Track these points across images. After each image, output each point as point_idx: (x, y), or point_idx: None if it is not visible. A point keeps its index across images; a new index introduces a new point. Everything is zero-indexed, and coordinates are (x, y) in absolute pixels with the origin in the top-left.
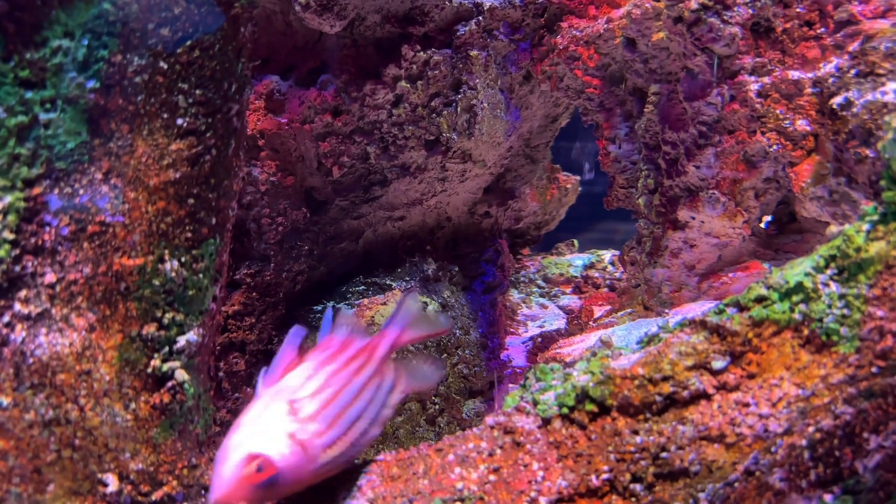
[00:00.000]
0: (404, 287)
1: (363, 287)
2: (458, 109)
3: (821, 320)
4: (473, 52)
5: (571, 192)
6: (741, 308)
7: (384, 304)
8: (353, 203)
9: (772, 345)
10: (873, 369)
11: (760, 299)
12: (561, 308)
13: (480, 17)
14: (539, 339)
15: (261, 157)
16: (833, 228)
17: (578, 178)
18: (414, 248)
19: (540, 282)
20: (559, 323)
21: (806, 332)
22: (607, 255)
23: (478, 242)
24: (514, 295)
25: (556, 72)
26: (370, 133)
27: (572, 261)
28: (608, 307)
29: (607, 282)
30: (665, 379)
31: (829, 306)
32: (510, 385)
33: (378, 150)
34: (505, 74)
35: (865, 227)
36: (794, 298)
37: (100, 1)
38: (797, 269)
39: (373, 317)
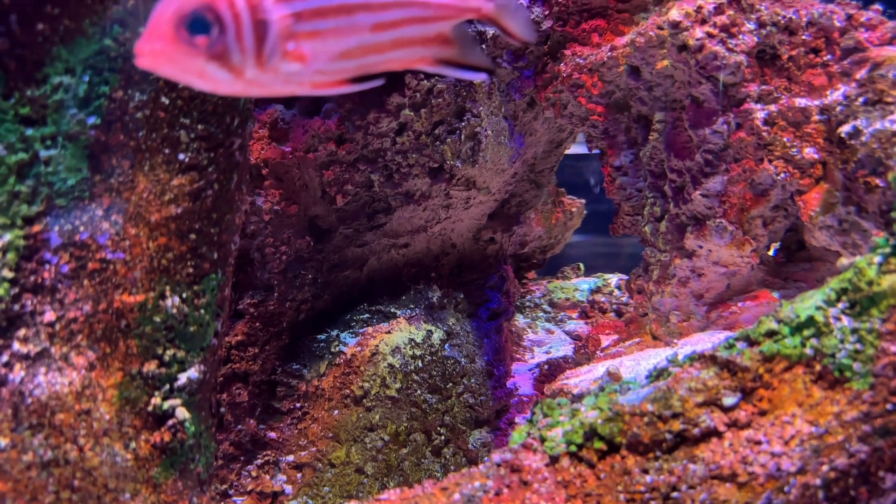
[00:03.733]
0: (409, 315)
1: (367, 315)
2: (462, 137)
3: (833, 356)
4: (476, 80)
5: (577, 216)
6: (751, 342)
7: (388, 332)
8: (357, 231)
9: (783, 380)
10: (888, 406)
11: (771, 333)
12: (567, 333)
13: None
14: (546, 367)
15: (265, 186)
16: (844, 260)
17: (584, 201)
18: (418, 276)
19: (546, 306)
20: (566, 349)
21: (818, 367)
22: (613, 279)
23: (483, 269)
24: (520, 320)
25: (559, 99)
26: (374, 161)
27: (578, 285)
28: (615, 336)
29: (614, 306)
30: (675, 416)
31: (842, 341)
32: (517, 415)
33: (382, 177)
34: (509, 101)
35: (877, 259)
36: (806, 333)
37: (101, 37)
38: (808, 303)
39: (377, 346)
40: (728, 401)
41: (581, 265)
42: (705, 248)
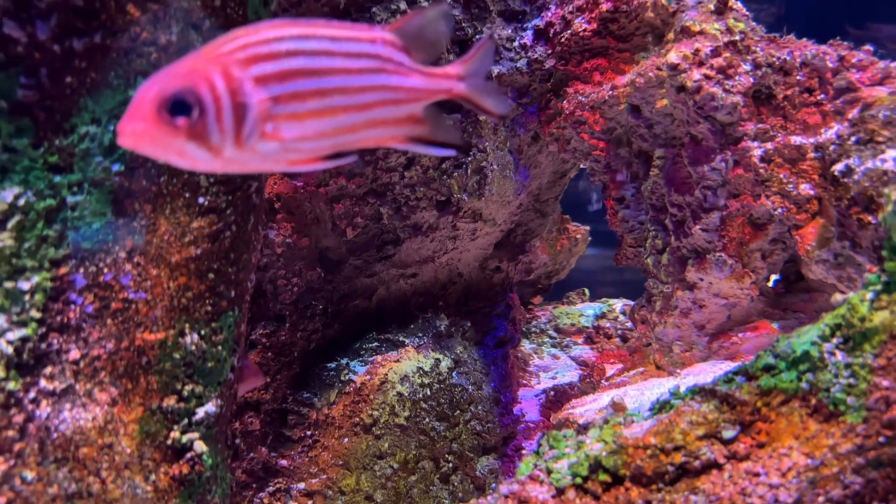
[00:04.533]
0: (417, 343)
1: (376, 343)
2: (469, 171)
3: (828, 390)
4: (482, 116)
5: (581, 242)
6: (749, 377)
7: (397, 360)
8: (366, 262)
9: (780, 414)
10: (881, 439)
11: (768, 368)
12: (573, 359)
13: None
14: (552, 393)
15: (277, 220)
16: (838, 296)
17: (588, 228)
18: (426, 305)
19: (551, 332)
20: (571, 374)
21: (814, 401)
22: (618, 304)
23: (489, 297)
24: (526, 345)
25: (563, 135)
26: (383, 194)
27: (583, 310)
28: (620, 365)
29: (619, 332)
30: (677, 448)
31: (836, 376)
32: (524, 441)
33: (391, 210)
34: (514, 136)
35: (869, 296)
36: (801, 367)
37: (125, 88)
38: (804, 338)
39: (386, 374)
40: (727, 434)
41: (586, 290)
42: (706, 281)
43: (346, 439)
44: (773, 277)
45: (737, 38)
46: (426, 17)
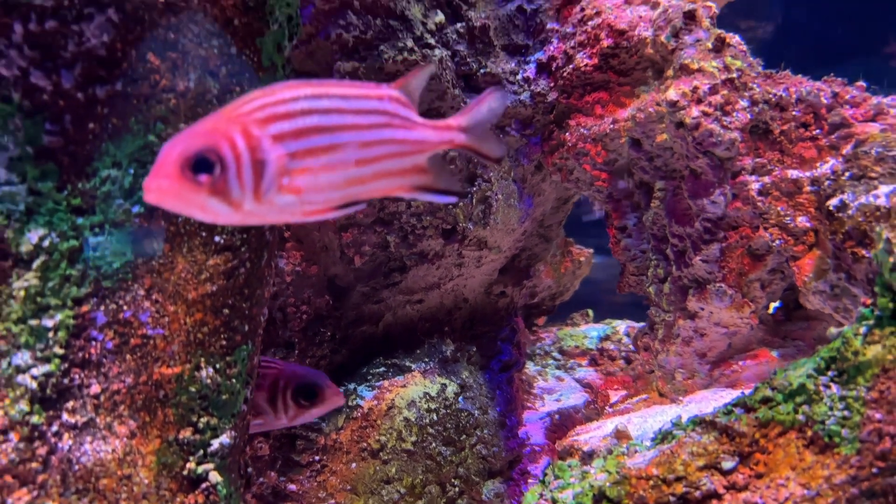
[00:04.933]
0: (424, 368)
1: (383, 368)
2: (474, 201)
3: (823, 422)
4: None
5: (585, 265)
6: (748, 409)
7: (404, 386)
8: (373, 289)
9: (778, 445)
10: (874, 470)
11: (766, 400)
12: (578, 381)
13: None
14: (556, 417)
15: (286, 249)
16: (833, 330)
17: (592, 250)
18: (432, 330)
19: (556, 354)
20: (576, 397)
21: (810, 433)
22: (622, 326)
23: (494, 321)
24: (531, 367)
25: (566, 165)
26: (390, 223)
27: (587, 332)
28: (624, 392)
29: (623, 354)
30: (678, 479)
31: (831, 408)
32: (529, 464)
33: (398, 238)
34: (517, 166)
35: (862, 329)
36: (798, 400)
37: (145, 133)
38: (800, 371)
39: (393, 399)
40: (727, 464)
41: (590, 311)
42: (707, 310)
43: (353, 464)
44: (773, 305)
45: (734, 75)
46: (425, 75)
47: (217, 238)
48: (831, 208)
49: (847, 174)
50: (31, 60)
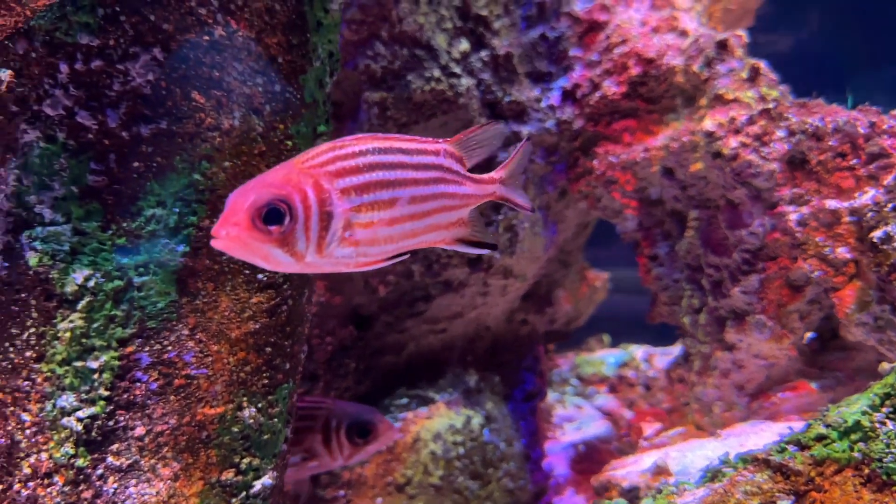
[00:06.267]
0: (447, 400)
1: (406, 399)
2: (500, 229)
3: (880, 460)
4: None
5: (601, 290)
6: (802, 446)
7: (428, 418)
8: (397, 318)
9: (834, 483)
10: None
11: (820, 438)
12: (598, 409)
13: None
14: (581, 448)
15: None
16: (885, 365)
17: (607, 275)
18: (455, 359)
19: (574, 381)
20: (597, 425)
21: (867, 471)
22: (639, 351)
23: (516, 349)
24: (549, 395)
25: (593, 193)
26: (415, 252)
27: (604, 358)
28: (658, 424)
29: (642, 380)
30: None
31: (888, 445)
32: (554, 497)
33: (422, 268)
34: (542, 193)
35: None
36: (853, 437)
37: (190, 172)
38: (854, 407)
39: (418, 432)
40: None
41: (604, 337)
42: (745, 342)
43: (379, 499)
44: (808, 335)
45: (770, 105)
46: (486, 133)
47: (260, 276)
48: (875, 240)
49: (891, 205)
50: (77, 100)
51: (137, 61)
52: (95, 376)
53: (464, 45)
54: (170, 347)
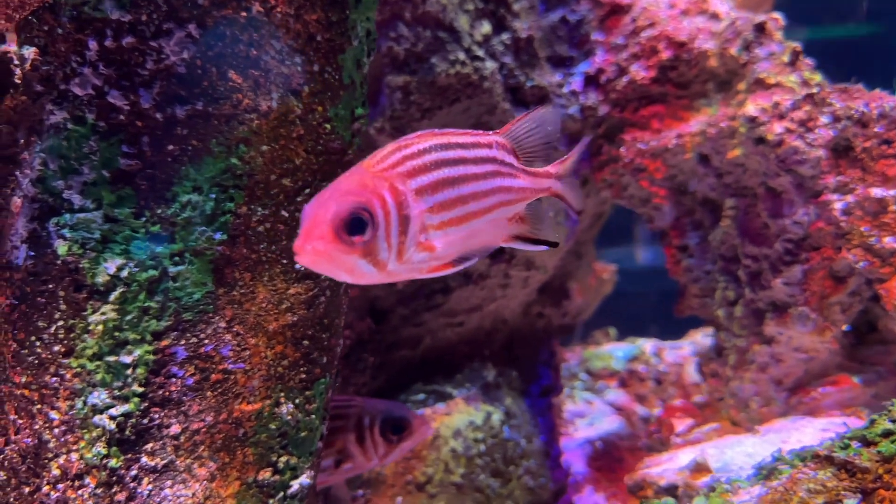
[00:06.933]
0: (466, 395)
1: (423, 395)
2: None
3: None
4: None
5: (608, 282)
6: (867, 443)
7: (447, 414)
8: (414, 311)
9: None
10: None
11: (887, 434)
12: (609, 404)
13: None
14: (599, 444)
15: None
16: None
17: (614, 267)
18: (472, 354)
19: (583, 375)
20: (609, 421)
21: None
22: (648, 345)
23: (532, 343)
24: None
25: (619, 181)
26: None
27: (613, 352)
28: (689, 420)
29: (652, 374)
30: None
31: None
32: (574, 494)
33: None
34: None
35: None
36: None
37: (227, 156)
38: None
39: (438, 429)
40: (849, 502)
41: (610, 330)
42: (786, 335)
43: (399, 498)
44: (844, 327)
45: (814, 90)
46: (534, 119)
47: (298, 266)
48: None
49: None
50: (107, 79)
51: (171, 38)
52: (129, 371)
53: (486, 27)
54: (206, 341)
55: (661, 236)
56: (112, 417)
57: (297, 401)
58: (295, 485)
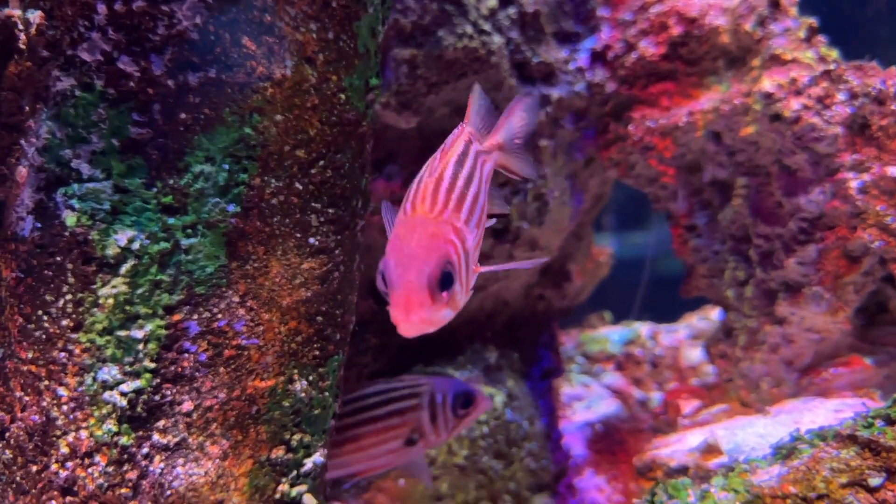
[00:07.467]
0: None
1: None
2: (528, 198)
3: None
4: (543, 142)
5: (604, 266)
6: (891, 421)
7: None
8: None
9: None
10: None
11: None
12: (606, 387)
13: (549, 108)
14: (599, 427)
15: None
16: None
17: (611, 250)
18: (473, 335)
19: (579, 358)
20: (607, 404)
21: None
22: (644, 328)
23: (533, 325)
24: None
25: (627, 160)
26: None
27: (609, 335)
28: (697, 402)
29: (648, 358)
30: (820, 497)
31: None
32: (575, 477)
33: None
34: (571, 161)
35: None
36: None
37: (241, 125)
38: None
39: None
40: (874, 481)
41: (605, 314)
42: (798, 315)
43: (402, 480)
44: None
45: (831, 66)
46: (481, 101)
47: (312, 240)
48: None
49: None
50: (116, 44)
51: (184, 2)
52: (140, 347)
53: (492, 0)
54: (220, 315)
55: (668, 216)
56: (123, 394)
57: (310, 378)
58: (308, 463)
